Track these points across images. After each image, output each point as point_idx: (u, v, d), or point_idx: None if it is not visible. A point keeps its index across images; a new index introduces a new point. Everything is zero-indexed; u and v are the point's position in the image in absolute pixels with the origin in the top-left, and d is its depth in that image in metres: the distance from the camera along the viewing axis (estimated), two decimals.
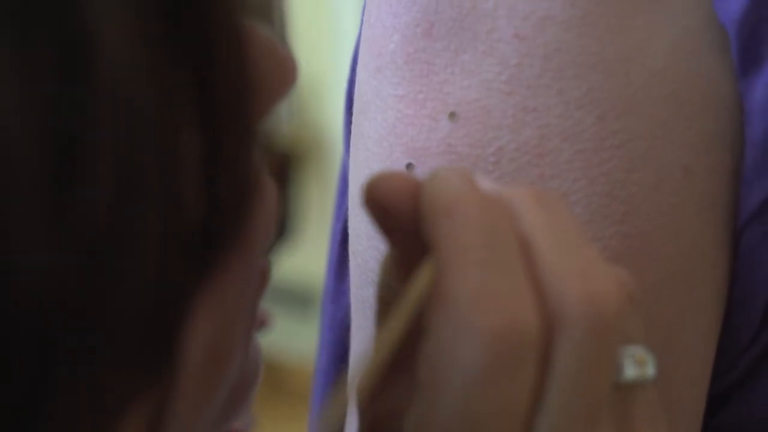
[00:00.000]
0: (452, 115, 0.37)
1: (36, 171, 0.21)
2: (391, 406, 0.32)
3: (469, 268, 0.28)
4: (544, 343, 0.28)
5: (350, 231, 0.43)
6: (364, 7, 0.42)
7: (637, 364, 0.30)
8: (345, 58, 0.50)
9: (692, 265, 0.36)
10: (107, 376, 0.23)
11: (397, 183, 0.30)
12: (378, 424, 0.32)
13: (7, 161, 0.21)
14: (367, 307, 0.41)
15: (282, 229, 2.54)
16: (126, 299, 0.23)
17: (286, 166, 2.59)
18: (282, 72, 0.30)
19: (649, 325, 0.35)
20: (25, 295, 0.21)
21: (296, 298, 2.35)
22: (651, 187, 0.35)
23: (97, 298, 0.23)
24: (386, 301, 0.33)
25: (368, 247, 0.40)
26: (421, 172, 0.37)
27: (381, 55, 0.39)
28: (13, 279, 0.21)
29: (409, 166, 0.38)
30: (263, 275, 0.32)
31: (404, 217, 0.30)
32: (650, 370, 0.30)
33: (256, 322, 0.33)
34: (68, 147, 0.22)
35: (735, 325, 0.37)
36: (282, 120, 2.60)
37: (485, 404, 0.27)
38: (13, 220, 0.21)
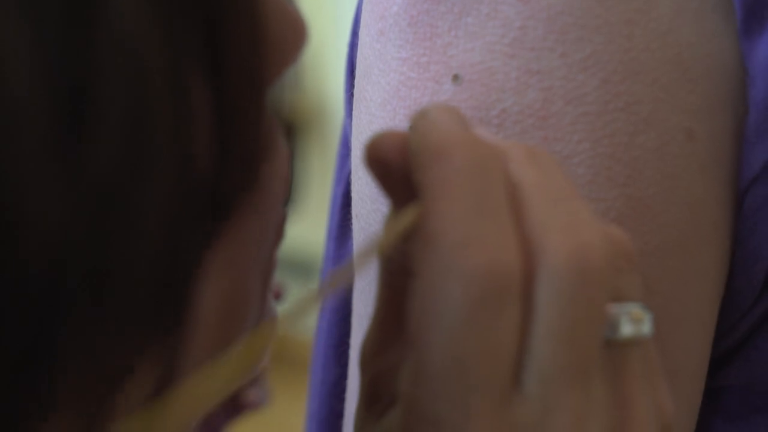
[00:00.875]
0: (456, 78, 0.37)
1: (43, 118, 0.21)
2: (391, 363, 0.32)
3: (456, 212, 0.28)
4: (528, 289, 0.28)
5: (353, 194, 0.43)
6: None
7: (633, 322, 0.30)
8: (347, 25, 0.49)
9: (695, 228, 0.36)
10: (118, 329, 0.23)
11: (398, 140, 0.30)
12: (378, 380, 0.33)
13: (14, 107, 0.21)
14: (369, 269, 0.41)
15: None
16: (136, 251, 0.23)
17: (287, 135, 2.58)
18: (293, 33, 0.30)
19: (651, 288, 0.36)
20: (35, 245, 0.21)
21: (298, 268, 2.35)
22: (654, 150, 0.35)
23: (107, 249, 0.23)
24: (392, 261, 0.34)
25: (371, 210, 0.40)
26: None
27: (384, 18, 0.39)
28: (22, 229, 0.21)
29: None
30: (279, 227, 0.33)
31: (404, 175, 0.30)
32: (646, 328, 0.30)
33: (272, 276, 0.33)
34: (75, 95, 0.22)
35: (737, 287, 0.38)
36: (283, 88, 2.59)
37: (471, 346, 0.27)
38: (22, 169, 0.21)
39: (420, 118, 0.30)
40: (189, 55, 0.24)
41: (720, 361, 0.40)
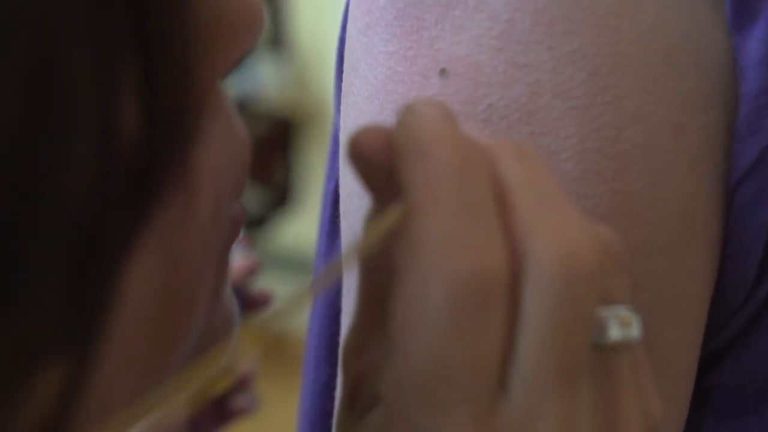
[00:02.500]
0: (443, 72, 0.36)
1: None
2: (373, 362, 0.32)
3: (441, 213, 0.28)
4: (514, 293, 0.28)
5: (341, 191, 0.42)
6: None
7: (621, 325, 0.29)
8: None
9: (685, 224, 0.36)
10: (30, 317, 0.22)
11: (382, 136, 0.30)
12: (360, 379, 0.32)
13: None
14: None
15: (284, 196, 2.54)
16: (49, 228, 0.22)
17: (286, 134, 2.58)
18: (245, 15, 0.30)
19: (639, 285, 0.35)
20: None
21: (297, 266, 2.35)
22: (642, 145, 0.35)
23: (16, 227, 0.22)
24: (373, 259, 0.33)
25: (359, 207, 0.39)
26: None
27: (371, 11, 0.39)
28: None
29: None
30: (235, 222, 0.32)
31: (388, 171, 0.29)
32: (635, 332, 0.30)
33: (227, 273, 0.32)
34: None
35: (728, 284, 0.37)
36: (282, 87, 2.59)
37: (455, 351, 0.27)
38: None
39: (406, 114, 0.30)
40: (114, 24, 0.23)
41: (711, 360, 0.39)
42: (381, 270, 0.32)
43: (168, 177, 0.26)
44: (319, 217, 0.54)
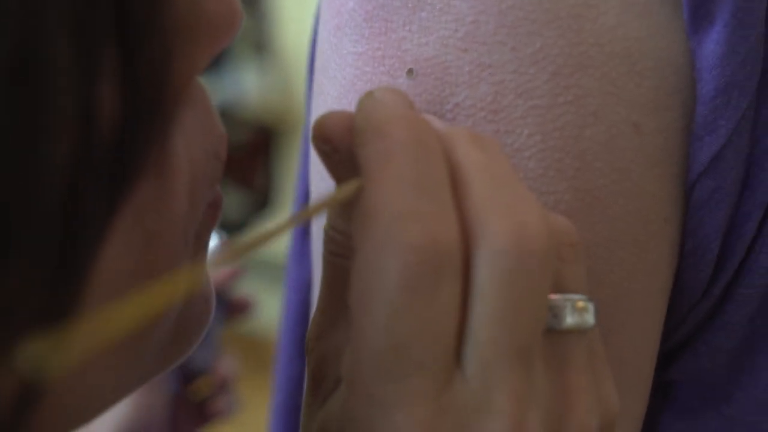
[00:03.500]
0: (410, 72, 0.37)
1: None
2: (336, 346, 0.32)
3: (395, 187, 0.28)
4: (466, 267, 0.28)
5: (311, 189, 0.43)
6: None
7: (576, 312, 0.30)
8: None
9: (645, 221, 0.37)
10: (9, 290, 0.23)
11: (344, 119, 0.30)
12: (323, 364, 0.33)
13: None
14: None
15: (265, 201, 2.54)
16: (32, 204, 0.23)
17: (268, 139, 2.59)
18: (224, 11, 0.30)
19: (600, 281, 0.36)
20: None
21: (277, 271, 2.35)
22: (603, 143, 0.35)
23: None
24: (336, 244, 0.34)
25: (325, 191, 0.40)
26: None
27: (340, 13, 0.39)
28: None
29: None
30: (212, 207, 0.33)
31: (349, 154, 0.30)
32: (590, 318, 0.30)
33: (205, 256, 0.33)
34: None
35: (686, 279, 0.38)
36: (265, 93, 2.59)
37: (408, 323, 0.27)
38: None
39: (366, 99, 0.31)
40: (96, 16, 0.24)
41: (670, 355, 0.40)
42: (344, 255, 0.32)
43: (145, 159, 0.26)
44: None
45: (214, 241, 0.72)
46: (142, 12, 0.25)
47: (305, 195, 0.51)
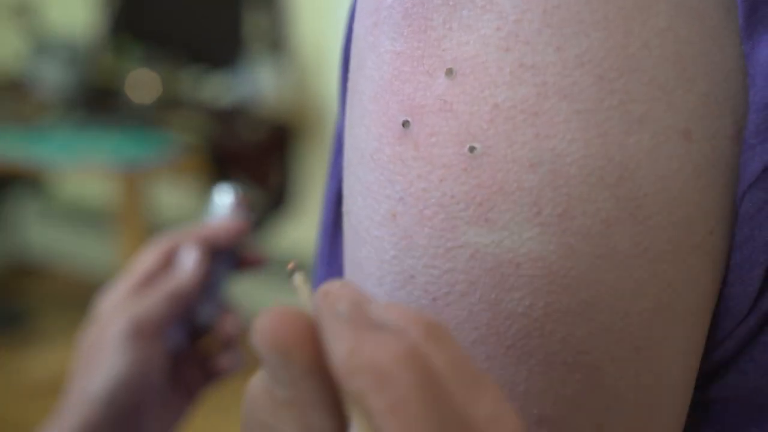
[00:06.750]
0: (449, 72, 0.36)
1: None
2: None
3: None
4: None
5: (344, 190, 0.42)
6: None
7: None
8: None
9: (689, 233, 0.35)
10: None
11: (297, 321, 0.29)
12: None
13: None
14: (359, 269, 0.40)
15: (280, 199, 2.54)
16: None
17: (284, 138, 2.58)
18: None
19: (639, 291, 0.35)
20: None
21: (307, 273, 2.34)
22: (648, 151, 0.34)
23: None
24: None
25: (363, 207, 0.39)
26: (417, 129, 0.36)
27: (378, 11, 0.38)
28: None
29: (405, 123, 0.37)
30: None
31: (313, 364, 0.29)
32: None
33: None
34: None
35: (732, 294, 0.37)
36: (284, 91, 2.59)
37: None
38: None
39: (328, 320, 0.30)
40: None
41: (714, 373, 0.39)
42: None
43: None
44: (319, 218, 0.54)
45: (230, 194, 0.72)
46: None
47: (336, 194, 0.50)
